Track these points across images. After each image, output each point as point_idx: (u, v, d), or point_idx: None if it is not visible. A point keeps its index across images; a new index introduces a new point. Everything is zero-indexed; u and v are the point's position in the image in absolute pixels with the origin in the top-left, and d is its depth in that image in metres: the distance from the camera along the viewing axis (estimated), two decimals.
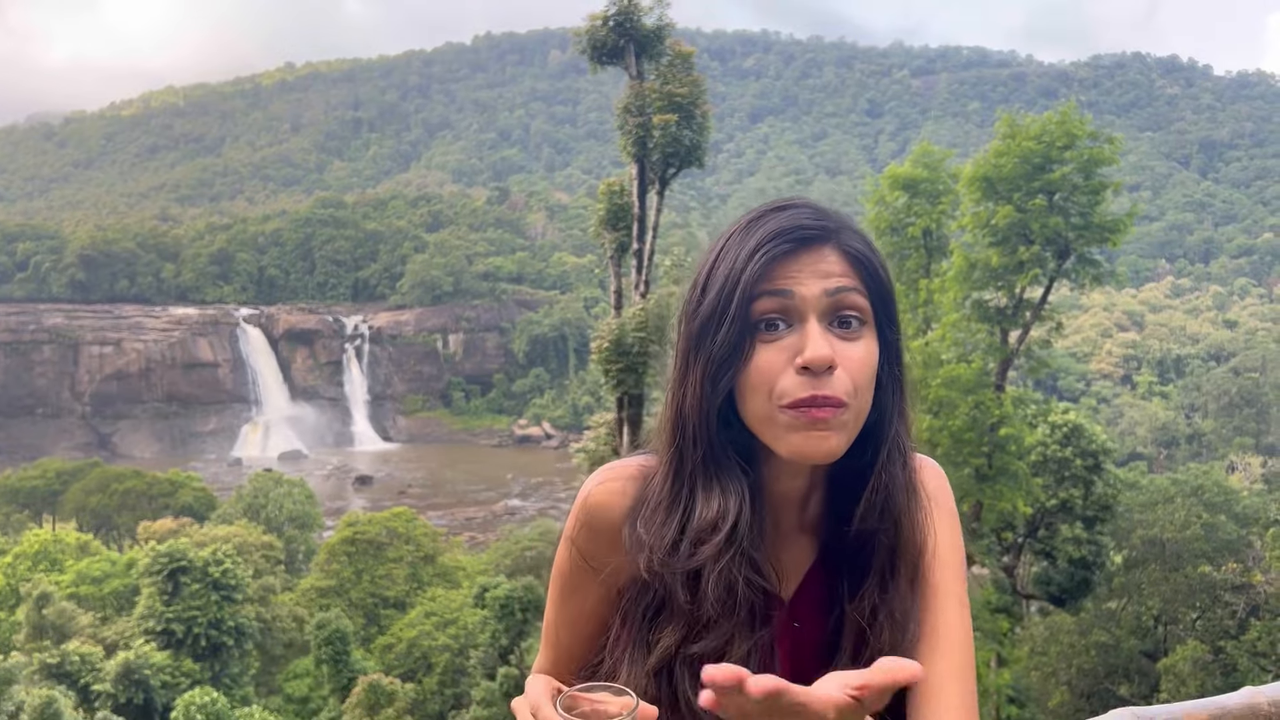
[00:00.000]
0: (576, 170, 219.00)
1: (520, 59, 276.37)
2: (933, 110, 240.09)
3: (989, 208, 19.00)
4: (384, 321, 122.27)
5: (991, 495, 18.23)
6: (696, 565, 1.32)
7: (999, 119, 20.74)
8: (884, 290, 1.35)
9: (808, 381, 1.26)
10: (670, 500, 1.37)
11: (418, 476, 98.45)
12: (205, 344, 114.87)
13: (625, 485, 1.43)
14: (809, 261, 1.31)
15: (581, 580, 1.48)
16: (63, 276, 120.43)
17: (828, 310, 1.30)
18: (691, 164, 18.17)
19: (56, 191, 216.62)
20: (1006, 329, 19.77)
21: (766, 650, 1.34)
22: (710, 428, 1.33)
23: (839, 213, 1.40)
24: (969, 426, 18.89)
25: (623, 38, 17.59)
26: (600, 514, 1.43)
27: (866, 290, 1.33)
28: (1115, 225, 18.55)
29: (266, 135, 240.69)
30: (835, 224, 1.37)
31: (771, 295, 1.29)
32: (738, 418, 1.34)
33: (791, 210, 1.36)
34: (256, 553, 47.79)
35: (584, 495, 1.44)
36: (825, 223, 1.35)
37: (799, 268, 1.31)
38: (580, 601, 1.51)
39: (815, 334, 1.26)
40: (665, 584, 1.35)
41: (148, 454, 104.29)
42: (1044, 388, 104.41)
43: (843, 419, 1.27)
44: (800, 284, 1.29)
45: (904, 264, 21.15)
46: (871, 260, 1.35)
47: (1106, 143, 19.23)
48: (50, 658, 37.02)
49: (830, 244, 1.34)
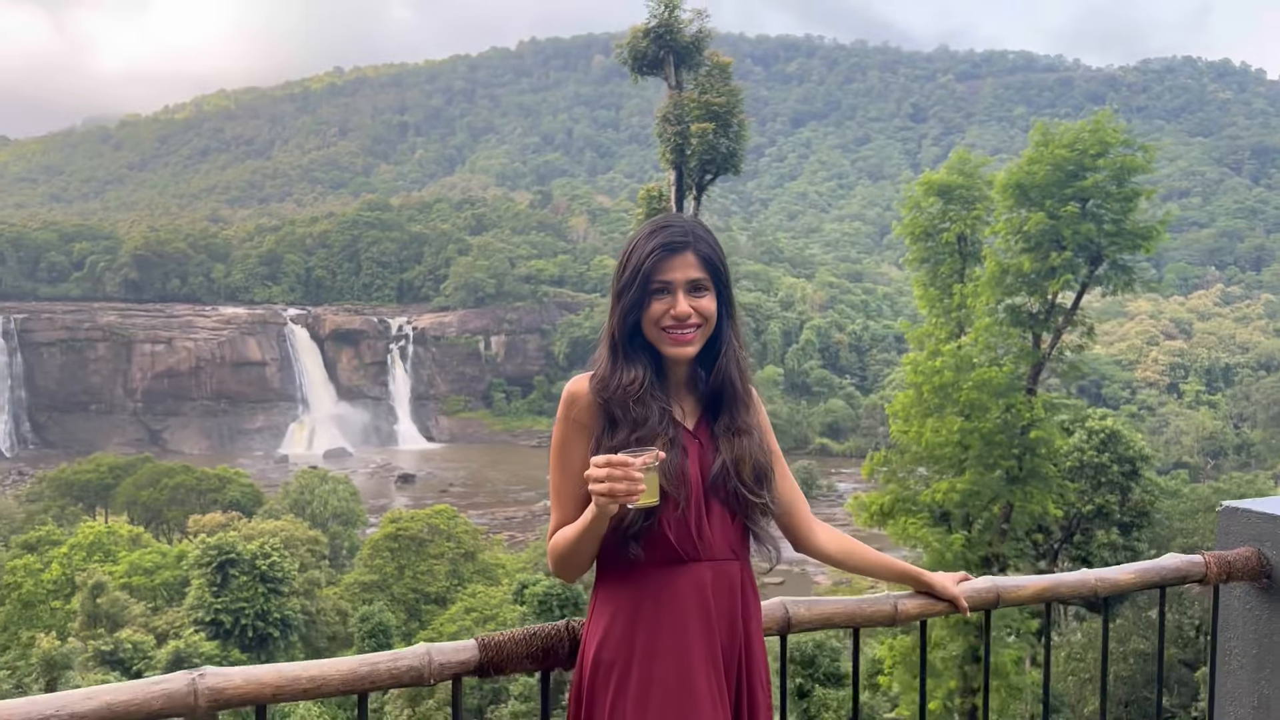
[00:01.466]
0: (619, 174, 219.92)
1: (564, 63, 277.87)
2: (977, 115, 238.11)
3: (1021, 214, 19.31)
4: (428, 323, 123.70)
5: (1022, 497, 18.57)
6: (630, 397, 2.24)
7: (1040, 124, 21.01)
8: (720, 271, 2.31)
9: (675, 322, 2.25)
10: (610, 373, 2.29)
11: (459, 476, 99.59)
12: (254, 343, 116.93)
13: (584, 379, 2.34)
14: (678, 263, 2.26)
15: (572, 440, 2.31)
16: (117, 276, 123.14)
17: (687, 286, 2.26)
18: (728, 171, 18.70)
19: (112, 193, 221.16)
20: (1039, 334, 20.05)
21: (681, 451, 2.24)
22: (624, 338, 2.29)
23: (697, 227, 2.33)
24: (1000, 429, 19.23)
25: (662, 49, 18.16)
26: (575, 393, 2.32)
27: (709, 274, 2.28)
28: (1148, 232, 18.77)
29: (315, 138, 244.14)
30: (693, 237, 2.29)
31: (659, 282, 2.26)
32: (642, 335, 2.29)
33: (671, 229, 2.30)
34: (302, 547, 48.83)
35: (566, 389, 2.35)
36: (688, 238, 2.28)
37: (673, 266, 2.25)
38: (572, 458, 2.29)
39: (681, 300, 2.24)
40: (613, 410, 2.25)
41: (197, 450, 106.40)
42: (1087, 395, 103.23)
43: (692, 338, 2.27)
44: (673, 275, 2.25)
45: (938, 269, 21.45)
46: (713, 257, 2.29)
47: (1140, 150, 19.45)
48: (104, 645, 38.10)
49: (690, 250, 2.27)
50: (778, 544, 2.38)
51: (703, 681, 2.17)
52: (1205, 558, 2.91)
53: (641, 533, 2.17)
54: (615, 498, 2.03)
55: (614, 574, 2.25)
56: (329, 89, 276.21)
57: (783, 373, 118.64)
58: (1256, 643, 2.97)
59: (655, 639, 2.18)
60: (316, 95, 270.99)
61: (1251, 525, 3.02)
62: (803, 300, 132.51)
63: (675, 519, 2.19)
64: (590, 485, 2.06)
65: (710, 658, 2.20)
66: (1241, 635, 3.03)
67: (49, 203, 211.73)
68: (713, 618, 2.21)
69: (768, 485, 2.30)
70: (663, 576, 2.20)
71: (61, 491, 65.55)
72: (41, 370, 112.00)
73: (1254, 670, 2.99)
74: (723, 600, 2.23)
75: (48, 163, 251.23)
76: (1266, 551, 2.95)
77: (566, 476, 2.29)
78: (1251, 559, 2.94)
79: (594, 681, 2.22)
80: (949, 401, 19.60)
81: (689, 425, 2.32)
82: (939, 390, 19.65)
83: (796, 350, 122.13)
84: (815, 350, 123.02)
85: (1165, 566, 2.95)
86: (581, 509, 2.20)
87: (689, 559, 2.20)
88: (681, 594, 2.19)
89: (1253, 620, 2.99)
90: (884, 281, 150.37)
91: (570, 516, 2.25)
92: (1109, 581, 2.89)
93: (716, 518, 2.25)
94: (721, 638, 2.23)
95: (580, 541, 2.18)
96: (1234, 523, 3.08)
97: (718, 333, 2.32)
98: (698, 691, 2.16)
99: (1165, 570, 2.94)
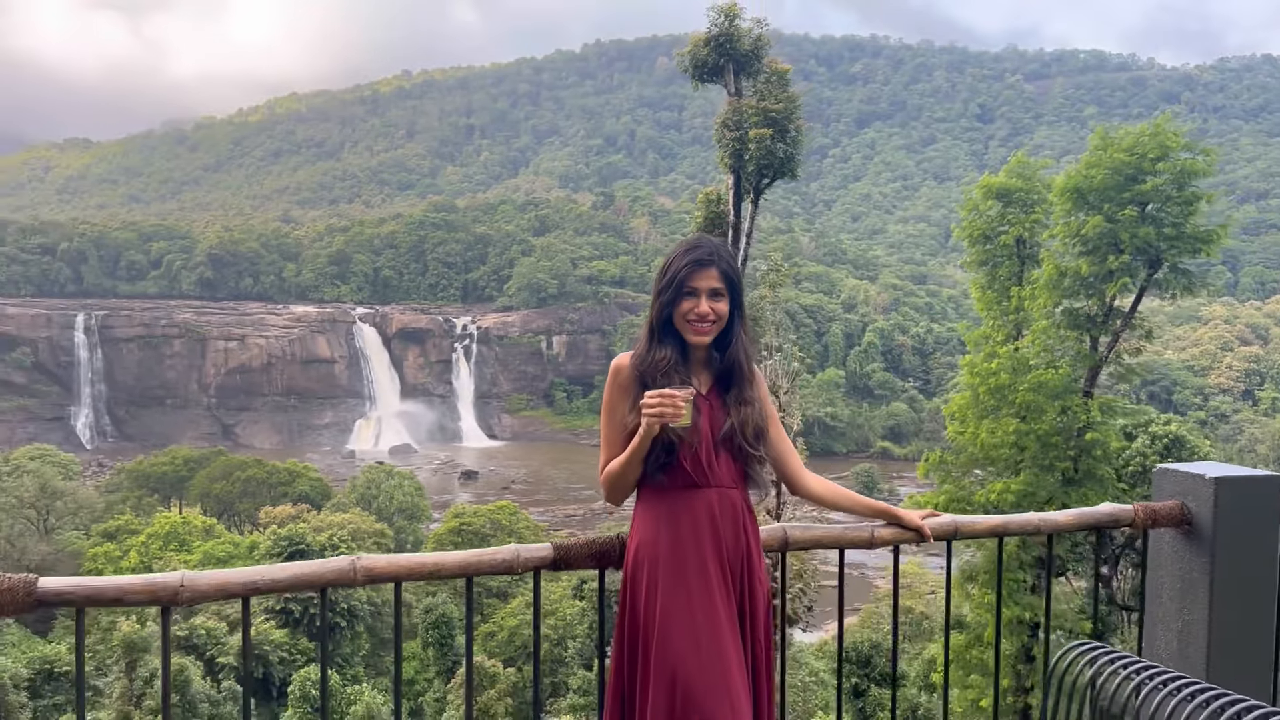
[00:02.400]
0: (681, 175, 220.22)
1: (628, 65, 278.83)
2: (1046, 115, 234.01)
3: (1079, 218, 19.37)
4: (491, 322, 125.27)
5: (1078, 499, 18.65)
6: (659, 370, 2.96)
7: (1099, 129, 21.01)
8: (735, 284, 3.02)
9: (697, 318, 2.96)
10: (646, 351, 3.01)
11: (521, 473, 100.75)
12: (323, 341, 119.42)
13: (626, 356, 3.07)
14: (704, 275, 2.96)
15: (616, 400, 3.05)
16: (193, 274, 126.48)
17: (709, 293, 2.95)
18: (784, 175, 19.17)
19: (188, 194, 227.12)
20: (1096, 336, 20.07)
21: (696, 410, 2.94)
22: (659, 326, 3.01)
23: (720, 249, 3.05)
24: (1055, 431, 19.33)
25: (722, 57, 18.73)
26: (619, 366, 3.05)
27: (726, 285, 2.98)
28: (1208, 236, 18.72)
29: (383, 141, 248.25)
30: (717, 257, 3.00)
31: (689, 287, 2.96)
32: (673, 326, 3.00)
33: (701, 249, 3.00)
34: (369, 539, 49.93)
35: (612, 363, 3.09)
36: (713, 257, 2.99)
37: (700, 277, 2.96)
38: (616, 413, 3.04)
39: (703, 303, 2.95)
40: (646, 379, 2.96)
41: (267, 444, 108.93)
42: (1157, 401, 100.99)
43: (708, 331, 2.98)
44: (699, 284, 2.96)
45: (996, 271, 21.55)
46: (730, 273, 3.00)
47: (1201, 154, 19.38)
48: (180, 630, 39.42)
49: (714, 266, 2.97)
50: (768, 483, 3.10)
51: (714, 572, 2.93)
52: (1134, 507, 3.60)
53: (666, 466, 2.94)
54: (663, 418, 2.81)
55: (647, 497, 3.01)
56: (397, 92, 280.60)
57: (844, 375, 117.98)
58: (1180, 578, 3.62)
59: (676, 541, 2.94)
60: (385, 98, 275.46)
61: (1178, 482, 3.63)
62: (865, 302, 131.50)
63: (691, 456, 2.94)
64: (644, 411, 2.83)
65: (718, 556, 2.95)
66: (1168, 573, 3.69)
67: (128, 203, 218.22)
68: (719, 527, 2.96)
69: (763, 441, 3.06)
70: (682, 497, 2.97)
71: (139, 483, 67.55)
72: (120, 365, 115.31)
73: (1178, 601, 3.62)
74: (726, 516, 2.98)
75: (127, 164, 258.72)
76: (1189, 504, 3.56)
77: (612, 426, 3.04)
78: (1176, 509, 3.57)
79: (635, 573, 2.98)
80: (1005, 403, 19.72)
81: (703, 392, 3.05)
82: (995, 392, 19.79)
83: (858, 353, 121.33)
84: (878, 353, 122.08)
85: (1100, 512, 3.69)
86: (623, 448, 2.99)
87: (701, 485, 2.97)
88: (695, 510, 2.96)
89: (1177, 560, 3.64)
90: (949, 284, 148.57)
91: (617, 454, 3.02)
92: (1050, 522, 3.67)
93: (723, 459, 3.00)
94: (727, 543, 2.97)
95: (628, 465, 2.95)
96: (1165, 480, 3.71)
97: (729, 328, 3.05)
98: (710, 579, 2.92)
99: (1099, 515, 3.68)
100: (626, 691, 3.00)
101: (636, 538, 3.00)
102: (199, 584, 2.66)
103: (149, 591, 2.62)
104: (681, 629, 2.87)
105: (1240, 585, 3.48)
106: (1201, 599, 3.49)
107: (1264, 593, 3.53)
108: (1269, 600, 3.55)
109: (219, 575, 2.69)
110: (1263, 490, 3.52)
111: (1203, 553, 3.50)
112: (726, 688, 2.84)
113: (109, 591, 2.59)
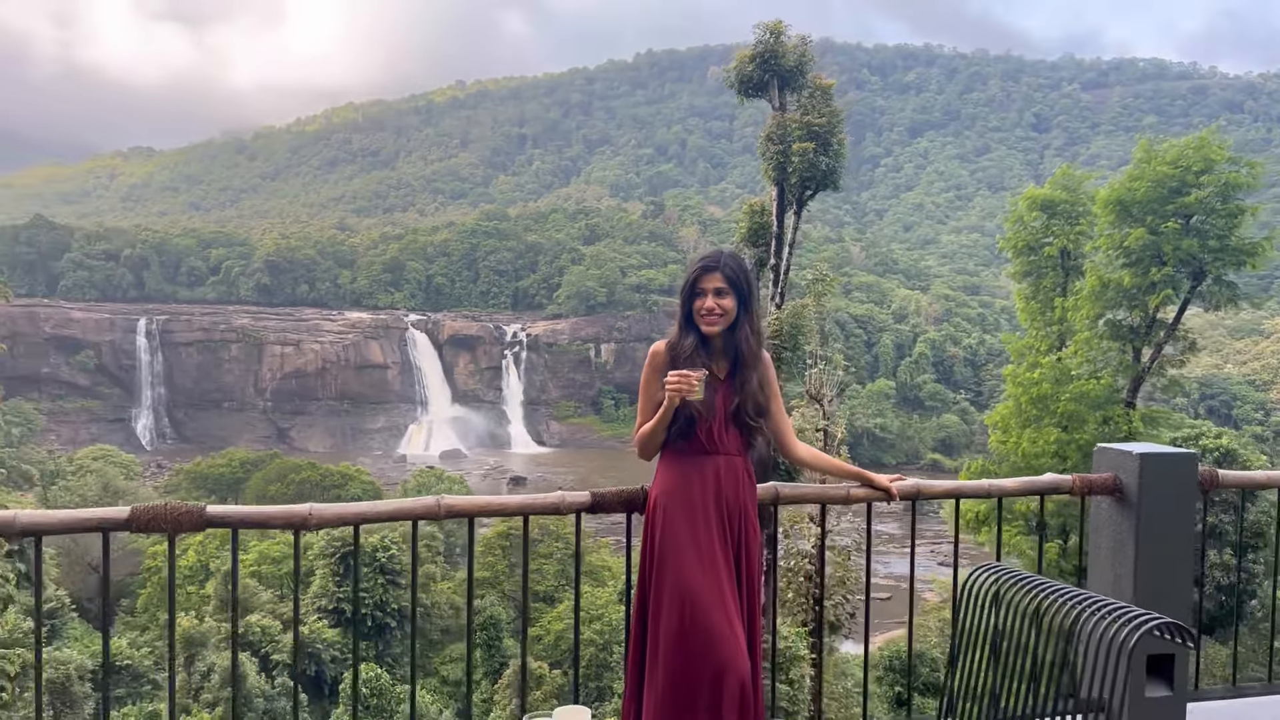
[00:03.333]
0: (731, 184, 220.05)
1: (679, 75, 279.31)
2: (1104, 124, 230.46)
3: (1123, 230, 19.46)
4: (541, 329, 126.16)
5: None
6: (683, 355, 3.64)
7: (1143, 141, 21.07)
8: (740, 284, 3.65)
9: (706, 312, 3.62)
10: (676, 340, 3.70)
11: (568, 480, 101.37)
12: (376, 347, 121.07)
13: (662, 343, 3.75)
14: (710, 278, 3.64)
15: (651, 378, 3.73)
16: (250, 280, 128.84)
17: (714, 291, 3.62)
18: (827, 187, 19.60)
19: (247, 201, 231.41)
20: (1139, 348, 20.12)
21: (711, 390, 3.62)
22: (683, 319, 3.70)
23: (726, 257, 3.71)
24: (1097, 441, 19.35)
25: (767, 73, 19.24)
26: (656, 350, 3.75)
27: (730, 285, 3.62)
28: (1253, 249, 18.72)
29: (437, 150, 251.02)
30: (721, 263, 3.66)
31: (699, 288, 3.65)
32: (693, 319, 3.67)
33: (709, 258, 3.68)
34: (419, 541, 50.56)
35: (650, 349, 3.78)
36: (717, 263, 3.65)
37: (706, 279, 3.64)
38: (650, 388, 3.74)
39: (709, 299, 3.63)
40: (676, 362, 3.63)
41: (321, 448, 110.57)
42: (1217, 416, 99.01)
43: (715, 323, 3.63)
44: (706, 285, 3.64)
45: (1040, 282, 21.70)
46: (735, 276, 3.64)
47: (1246, 167, 19.39)
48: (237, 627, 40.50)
49: (718, 271, 3.64)
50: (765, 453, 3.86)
51: (715, 519, 3.66)
52: (1072, 478, 4.38)
53: (686, 434, 3.68)
54: (680, 394, 3.49)
55: (668, 457, 3.76)
56: (451, 102, 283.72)
57: (894, 386, 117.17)
58: (1112, 537, 4.39)
59: (688, 493, 3.67)
60: (439, 108, 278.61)
61: (1112, 458, 4.37)
62: (917, 313, 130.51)
63: (704, 427, 3.66)
64: (667, 386, 3.51)
65: (720, 508, 3.67)
66: (1104, 534, 4.42)
67: (189, 210, 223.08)
68: (723, 486, 3.69)
69: (764, 417, 3.75)
70: (696, 461, 3.70)
71: (196, 484, 69.04)
72: (180, 369, 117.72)
73: (1111, 557, 4.38)
74: (729, 477, 3.70)
75: (189, 172, 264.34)
76: (1120, 476, 4.31)
77: (646, 398, 3.77)
78: (1109, 480, 4.32)
79: (654, 514, 3.73)
80: (1047, 413, 19.89)
81: (720, 375, 3.74)
82: (1037, 402, 19.97)
83: (909, 363, 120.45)
84: (929, 364, 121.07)
85: (1043, 481, 4.50)
86: (653, 415, 3.73)
87: (710, 452, 3.70)
88: (705, 472, 3.68)
89: (1110, 523, 4.38)
90: (1002, 295, 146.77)
91: (648, 419, 3.76)
92: (999, 488, 4.47)
93: (731, 432, 3.70)
94: (728, 499, 3.69)
95: (654, 431, 3.68)
96: (1103, 456, 4.46)
97: (737, 321, 3.71)
98: (712, 524, 3.65)
99: (1042, 483, 4.49)
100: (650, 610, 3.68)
101: (657, 488, 3.75)
102: (323, 513, 3.52)
103: (285, 518, 3.48)
104: (689, 556, 3.58)
105: (1161, 543, 4.23)
106: (1129, 555, 4.24)
107: (1181, 550, 4.30)
108: (1185, 556, 4.32)
109: (338, 507, 3.55)
110: (1180, 465, 4.29)
111: (1130, 516, 4.25)
112: (723, 602, 3.54)
113: (257, 516, 3.49)
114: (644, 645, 3.71)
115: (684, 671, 3.51)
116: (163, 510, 3.28)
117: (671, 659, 3.54)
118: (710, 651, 3.48)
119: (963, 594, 3.24)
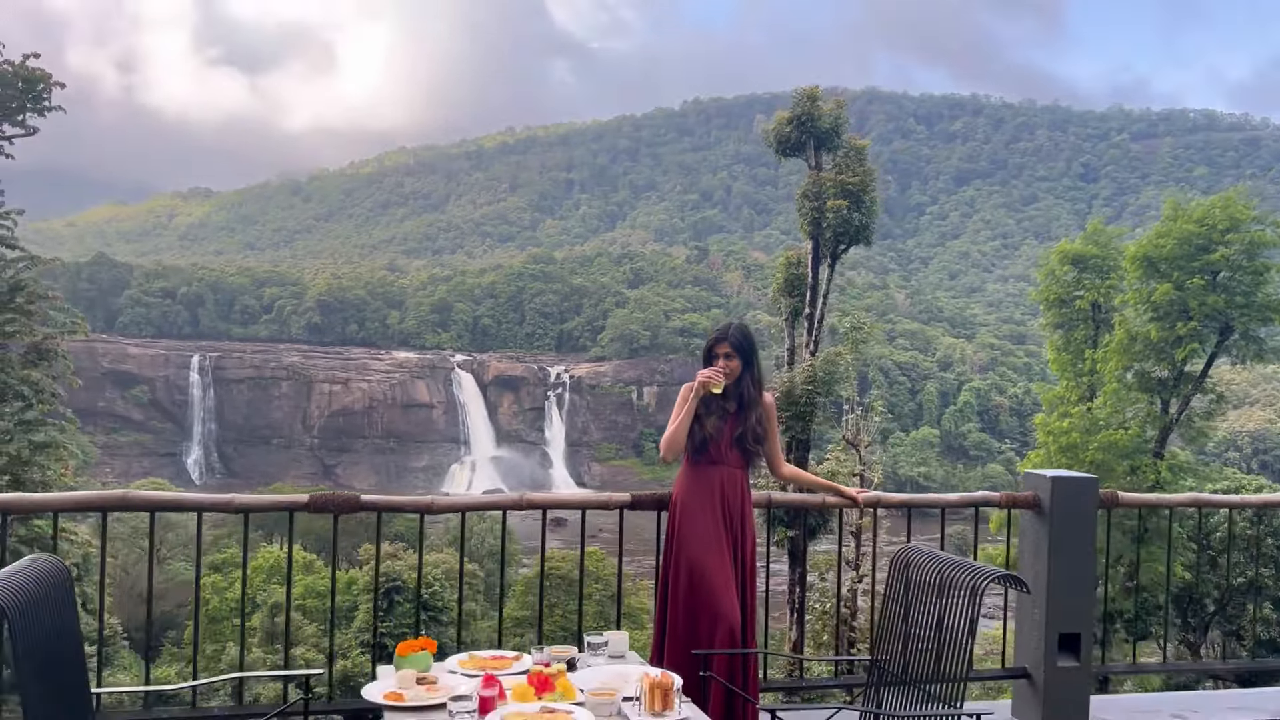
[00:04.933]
0: (775, 230, 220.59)
1: (725, 122, 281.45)
2: (1153, 175, 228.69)
3: (1150, 285, 20.04)
4: (584, 371, 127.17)
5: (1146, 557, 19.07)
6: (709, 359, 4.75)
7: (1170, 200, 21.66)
8: (744, 346, 4.69)
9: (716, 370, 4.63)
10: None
11: (608, 522, 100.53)
12: (422, 386, 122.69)
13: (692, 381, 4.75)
14: (719, 346, 4.69)
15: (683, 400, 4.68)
16: (302, 319, 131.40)
17: (723, 354, 4.68)
18: (859, 242, 20.51)
19: (300, 242, 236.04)
20: (1167, 400, 20.59)
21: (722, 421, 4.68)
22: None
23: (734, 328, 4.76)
24: (1124, 489, 19.80)
25: (804, 135, 20.27)
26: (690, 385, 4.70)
27: (736, 349, 4.66)
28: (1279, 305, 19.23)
29: (486, 194, 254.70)
30: (729, 335, 4.68)
31: (712, 352, 4.71)
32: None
33: (719, 330, 4.74)
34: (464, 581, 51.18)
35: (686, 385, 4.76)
36: (726, 335, 4.69)
37: (720, 346, 4.68)
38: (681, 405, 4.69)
39: (720, 365, 4.66)
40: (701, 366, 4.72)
41: (366, 485, 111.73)
42: (1270, 471, 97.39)
43: (724, 378, 4.62)
44: (717, 350, 4.69)
45: (1071, 334, 22.31)
46: (740, 343, 4.68)
47: (1272, 226, 19.93)
48: (280, 659, 41.34)
49: (725, 341, 4.67)
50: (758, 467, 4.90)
51: (719, 519, 4.67)
52: (1000, 494, 5.68)
53: (701, 449, 4.68)
54: (705, 387, 4.55)
55: (687, 467, 4.77)
56: (501, 147, 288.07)
57: (939, 434, 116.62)
58: (1033, 542, 5.55)
59: (700, 496, 4.69)
60: (489, 153, 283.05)
61: (1034, 480, 5.55)
62: (962, 361, 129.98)
63: (713, 446, 4.68)
64: (698, 377, 4.58)
65: (724, 510, 4.69)
66: (1028, 539, 5.60)
67: (244, 250, 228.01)
68: (726, 493, 4.71)
69: (761, 443, 4.78)
70: (706, 471, 4.71)
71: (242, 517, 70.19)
72: (231, 405, 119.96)
73: (1032, 557, 5.53)
74: (731, 485, 4.72)
75: (245, 213, 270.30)
76: (1039, 493, 5.47)
77: (677, 411, 4.71)
78: (1030, 497, 5.52)
79: (674, 510, 4.80)
80: (1076, 461, 20.37)
81: (730, 410, 4.73)
82: (1066, 450, 20.48)
83: (954, 412, 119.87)
84: (974, 412, 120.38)
85: (978, 496, 5.79)
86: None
87: (718, 464, 4.70)
88: (712, 480, 4.70)
89: (1031, 530, 5.55)
90: None
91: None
92: (942, 500, 5.72)
93: (734, 452, 4.72)
94: (730, 503, 4.70)
95: (680, 426, 4.66)
96: (1028, 480, 5.64)
97: (742, 376, 4.72)
98: (718, 522, 4.66)
99: (976, 498, 5.78)
100: (670, 578, 4.74)
101: (678, 490, 4.82)
102: (440, 503, 4.90)
103: (415, 505, 4.88)
104: (699, 540, 4.64)
105: (1068, 547, 5.39)
106: (1045, 555, 5.41)
107: (1085, 552, 5.49)
108: (1088, 557, 5.52)
109: (454, 499, 4.85)
110: (1083, 487, 5.44)
111: (1045, 525, 5.40)
112: (723, 573, 4.60)
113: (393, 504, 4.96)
114: (666, 603, 4.75)
115: (691, 618, 4.58)
116: (331, 497, 4.95)
117: (684, 610, 4.61)
118: (710, 605, 4.54)
119: (889, 565, 4.25)
